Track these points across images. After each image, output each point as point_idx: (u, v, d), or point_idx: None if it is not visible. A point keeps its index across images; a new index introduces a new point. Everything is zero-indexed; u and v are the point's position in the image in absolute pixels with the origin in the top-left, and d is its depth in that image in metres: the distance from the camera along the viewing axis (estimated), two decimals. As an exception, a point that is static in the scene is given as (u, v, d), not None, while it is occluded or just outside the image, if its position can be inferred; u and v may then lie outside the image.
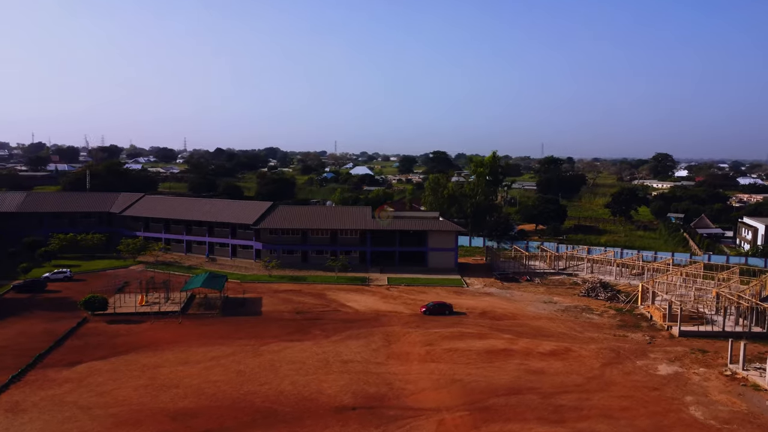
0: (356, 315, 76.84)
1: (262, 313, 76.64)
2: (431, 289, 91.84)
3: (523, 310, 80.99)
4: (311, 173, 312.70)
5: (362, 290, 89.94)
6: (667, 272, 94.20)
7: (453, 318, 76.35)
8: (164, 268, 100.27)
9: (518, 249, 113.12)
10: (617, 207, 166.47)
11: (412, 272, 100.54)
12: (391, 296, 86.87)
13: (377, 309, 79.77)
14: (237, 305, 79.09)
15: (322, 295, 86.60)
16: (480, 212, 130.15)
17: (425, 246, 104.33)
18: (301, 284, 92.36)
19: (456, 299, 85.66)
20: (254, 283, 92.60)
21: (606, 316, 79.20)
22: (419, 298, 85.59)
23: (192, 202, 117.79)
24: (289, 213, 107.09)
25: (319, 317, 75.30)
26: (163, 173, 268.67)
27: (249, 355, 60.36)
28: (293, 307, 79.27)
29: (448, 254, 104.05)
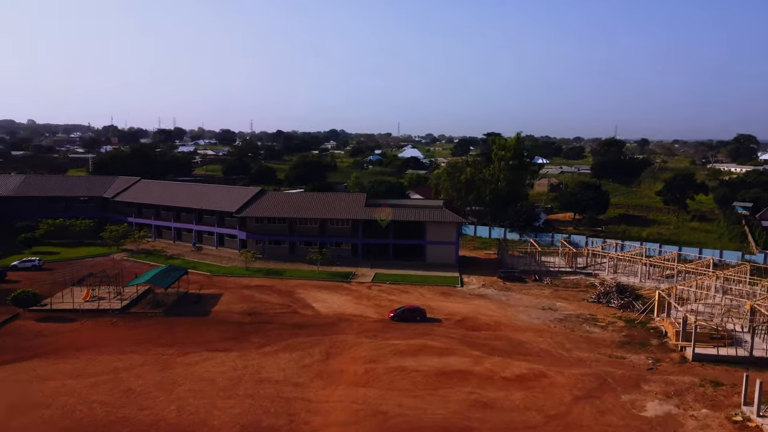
0: (313, 319, 67.78)
1: (210, 313, 68.96)
2: (418, 288, 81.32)
3: (512, 319, 69.29)
4: (358, 156, 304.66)
5: (339, 288, 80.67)
6: (703, 275, 79.33)
7: (423, 326, 65.86)
8: (144, 257, 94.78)
9: (533, 243, 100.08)
10: (670, 195, 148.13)
11: (407, 267, 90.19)
12: (367, 296, 77.13)
13: (342, 312, 70.38)
14: (190, 303, 71.85)
15: (291, 292, 78.05)
16: (500, 200, 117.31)
17: (423, 239, 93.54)
18: (275, 279, 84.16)
19: (440, 302, 74.98)
20: (226, 276, 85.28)
21: (610, 329, 66.30)
22: (398, 300, 75.45)
23: (185, 187, 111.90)
24: (276, 200, 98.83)
25: (270, 320, 66.79)
26: (200, 156, 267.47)
27: (156, 368, 52.58)
28: (249, 307, 71.14)
29: (448, 248, 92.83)
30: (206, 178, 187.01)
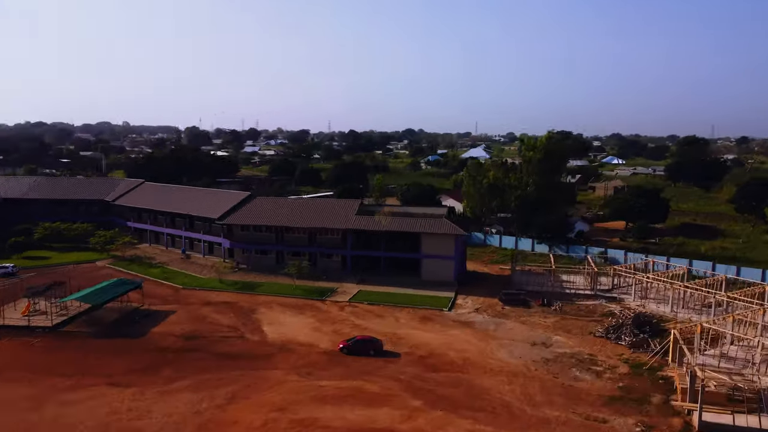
0: (254, 347, 59.03)
1: (146, 335, 61.76)
2: (397, 311, 70.65)
3: (488, 356, 57.38)
4: (418, 155, 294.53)
5: (308, 307, 71.53)
6: (750, 306, 63.52)
7: (374, 362, 55.46)
8: (126, 264, 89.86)
9: (551, 259, 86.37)
10: (744, 202, 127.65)
11: (398, 284, 79.60)
12: (333, 319, 67.46)
13: (292, 339, 61.19)
14: (132, 322, 65.07)
15: (251, 312, 69.75)
16: (528, 207, 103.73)
17: (418, 252, 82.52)
18: (245, 295, 76.21)
19: (413, 330, 64.17)
20: (195, 290, 78.29)
21: (606, 377, 53.05)
22: (366, 325, 65.34)
23: (182, 191, 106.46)
24: (263, 207, 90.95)
25: (203, 347, 58.67)
26: (259, 156, 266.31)
27: (24, 407, 45.57)
28: (192, 330, 63.40)
29: (445, 263, 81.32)
30: (245, 179, 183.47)
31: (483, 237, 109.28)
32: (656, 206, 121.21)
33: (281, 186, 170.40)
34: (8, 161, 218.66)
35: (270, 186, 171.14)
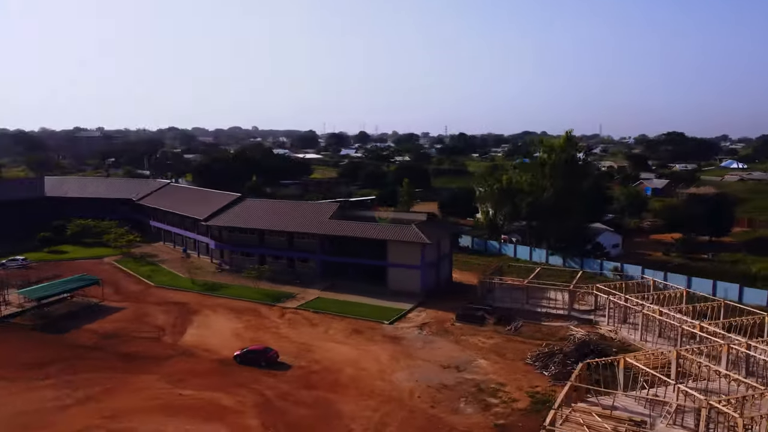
0: (158, 350, 58.77)
1: (75, 329, 63.64)
2: (336, 320, 67.07)
3: (383, 376, 52.41)
4: (511, 158, 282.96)
5: (249, 312, 70.09)
6: (712, 344, 52.29)
7: (257, 374, 52.85)
8: (126, 261, 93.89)
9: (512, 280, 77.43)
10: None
11: (362, 293, 75.72)
12: (262, 326, 65.48)
13: (203, 344, 60.14)
14: (76, 317, 67.49)
15: (193, 313, 69.76)
16: (542, 214, 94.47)
17: (385, 260, 77.91)
18: (203, 296, 76.43)
19: (331, 342, 60.56)
20: (165, 289, 79.80)
21: (492, 412, 46.11)
22: (293, 333, 62.78)
23: (190, 192, 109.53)
24: (250, 209, 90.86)
25: (111, 347, 59.30)
26: (345, 158, 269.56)
27: None
28: (120, 327, 64.50)
29: (411, 273, 75.99)
30: (305, 181, 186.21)
31: (498, 246, 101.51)
32: (717, 216, 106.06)
33: (330, 188, 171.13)
34: (118, 163, 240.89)
35: (327, 189, 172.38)
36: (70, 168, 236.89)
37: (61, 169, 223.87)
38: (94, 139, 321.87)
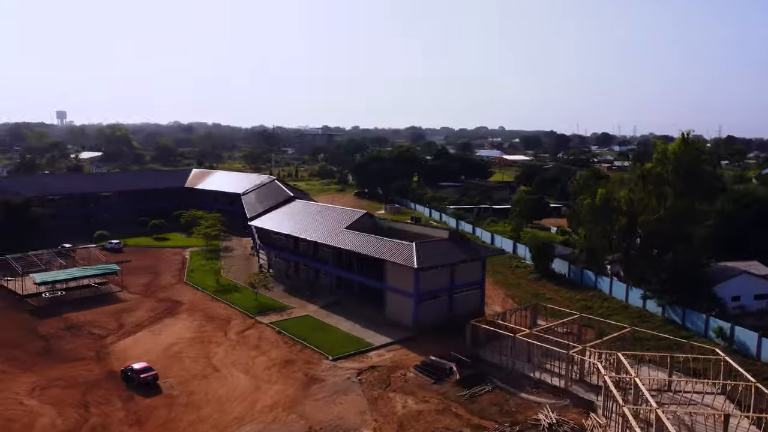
0: (78, 347, 57.41)
1: (53, 317, 65.81)
2: (291, 346, 58.21)
3: (223, 428, 42.74)
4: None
5: (217, 321, 65.18)
6: None
7: (116, 392, 47.72)
8: (197, 255, 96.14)
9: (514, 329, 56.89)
10: None
11: (358, 317, 65.15)
12: (209, 340, 59.82)
13: (123, 351, 57.07)
14: (77, 305, 69.90)
15: (169, 314, 67.53)
16: (644, 243, 70.55)
17: (384, 282, 65.49)
18: (208, 299, 73.58)
19: (248, 374, 52.41)
20: (189, 286, 79.17)
21: None
22: (219, 357, 56.10)
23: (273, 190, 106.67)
24: (293, 211, 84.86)
25: (51, 338, 59.65)
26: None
27: None
28: (91, 321, 64.83)
29: (406, 302, 62.50)
30: (466, 184, 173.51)
31: (594, 278, 79.59)
32: None
33: (490, 193, 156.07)
34: (326, 157, 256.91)
35: (487, 193, 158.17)
36: (284, 161, 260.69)
37: (271, 162, 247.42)
38: (317, 136, 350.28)
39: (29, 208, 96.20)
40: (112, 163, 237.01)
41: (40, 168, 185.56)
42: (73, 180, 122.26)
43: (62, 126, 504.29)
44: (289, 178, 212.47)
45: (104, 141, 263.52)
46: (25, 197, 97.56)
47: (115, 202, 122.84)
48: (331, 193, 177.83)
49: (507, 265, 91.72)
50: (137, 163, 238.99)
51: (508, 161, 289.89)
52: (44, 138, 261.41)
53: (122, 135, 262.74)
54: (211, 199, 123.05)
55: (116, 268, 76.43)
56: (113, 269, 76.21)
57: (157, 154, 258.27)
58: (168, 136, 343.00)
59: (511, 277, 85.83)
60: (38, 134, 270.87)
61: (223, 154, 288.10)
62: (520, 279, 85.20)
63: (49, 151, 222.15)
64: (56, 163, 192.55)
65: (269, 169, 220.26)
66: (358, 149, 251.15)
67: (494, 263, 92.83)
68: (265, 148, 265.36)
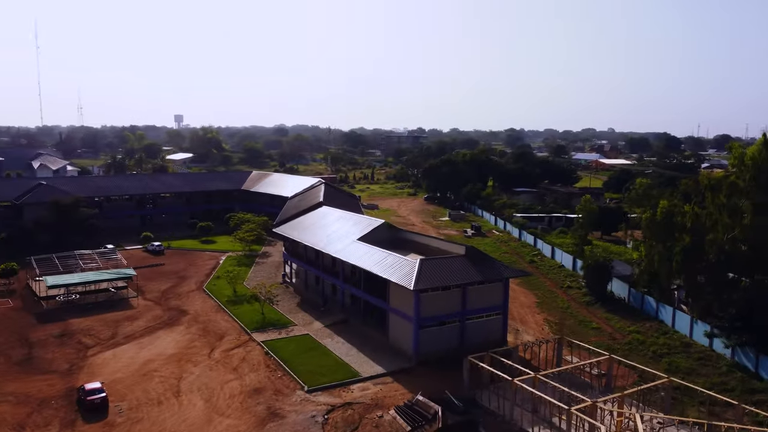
0: (58, 358, 54.63)
1: (54, 321, 64.23)
2: (271, 372, 52.32)
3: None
4: None
5: (210, 336, 60.50)
6: None
7: (60, 413, 43.85)
8: (232, 260, 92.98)
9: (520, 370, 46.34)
10: None
11: (359, 339, 58.48)
12: (189, 359, 55.21)
13: (100, 365, 53.69)
14: (86, 309, 68.34)
15: (167, 325, 63.86)
16: (708, 268, 57.78)
17: (387, 301, 57.76)
18: (215, 309, 69.57)
19: (209, 402, 47.08)
20: (204, 295, 75.74)
21: None
22: (190, 379, 51.32)
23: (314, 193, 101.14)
24: (318, 217, 78.73)
25: (39, 346, 57.55)
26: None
27: None
28: (87, 329, 62.53)
29: (406, 327, 54.55)
30: (544, 190, 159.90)
31: (655, 306, 67.24)
32: None
33: (569, 200, 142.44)
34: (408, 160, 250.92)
35: (565, 200, 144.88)
36: (366, 163, 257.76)
37: (353, 164, 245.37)
38: (402, 138, 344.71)
39: (78, 208, 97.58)
40: (200, 164, 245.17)
41: (129, 168, 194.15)
42: (132, 181, 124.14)
43: (174, 129, 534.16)
44: (364, 181, 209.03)
45: (197, 143, 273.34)
46: (74, 197, 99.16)
47: (172, 204, 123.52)
48: (402, 197, 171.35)
49: (560, 285, 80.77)
50: (224, 164, 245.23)
51: (605, 165, 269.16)
52: (143, 140, 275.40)
53: (213, 137, 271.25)
54: (266, 202, 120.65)
55: (132, 273, 74.39)
56: (129, 274, 74.20)
57: (246, 155, 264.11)
58: (261, 139, 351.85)
59: (560, 300, 75.04)
60: (139, 136, 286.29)
61: (308, 155, 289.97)
62: (570, 302, 74.22)
63: (148, 152, 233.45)
64: (143, 164, 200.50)
65: (346, 171, 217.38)
66: (441, 152, 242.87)
67: (544, 282, 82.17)
68: (347, 150, 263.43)
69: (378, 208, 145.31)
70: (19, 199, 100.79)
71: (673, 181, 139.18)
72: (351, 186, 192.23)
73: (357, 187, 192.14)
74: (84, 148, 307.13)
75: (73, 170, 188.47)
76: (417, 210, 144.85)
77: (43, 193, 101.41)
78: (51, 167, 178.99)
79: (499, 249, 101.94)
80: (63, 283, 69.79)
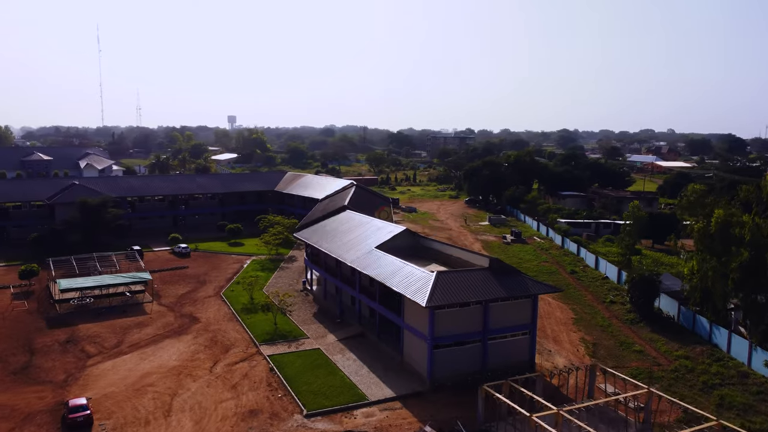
0: (55, 368, 52.17)
1: (63, 327, 62.31)
2: (272, 392, 48.33)
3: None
4: None
5: (216, 347, 57.07)
6: None
7: (38, 429, 41.12)
8: (255, 264, 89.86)
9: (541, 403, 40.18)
10: None
11: (373, 356, 54.05)
12: (189, 374, 51.85)
13: (96, 377, 50.92)
14: (100, 314, 66.28)
15: (175, 333, 60.81)
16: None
17: (402, 317, 52.88)
18: (227, 317, 66.35)
19: (197, 424, 43.49)
20: (221, 301, 72.74)
21: None
22: (183, 398, 47.92)
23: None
24: (338, 222, 74.44)
25: (39, 353, 55.43)
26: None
27: None
28: (94, 335, 60.25)
29: (421, 346, 49.60)
30: (593, 194, 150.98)
31: (708, 327, 60.02)
32: None
33: (618, 206, 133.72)
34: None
35: (616, 205, 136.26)
36: (410, 164, 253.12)
37: (397, 165, 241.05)
38: (448, 139, 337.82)
39: (106, 208, 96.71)
40: (244, 165, 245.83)
41: (173, 168, 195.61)
42: (164, 182, 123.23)
43: (222, 129, 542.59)
44: (406, 182, 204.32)
45: (242, 143, 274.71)
46: (103, 197, 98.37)
47: (205, 204, 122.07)
48: (443, 199, 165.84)
49: (602, 299, 74.03)
50: (267, 164, 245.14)
51: (661, 168, 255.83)
52: (191, 140, 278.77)
53: (257, 137, 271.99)
54: (299, 204, 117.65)
55: (148, 278, 72.05)
56: (145, 278, 71.88)
57: (288, 156, 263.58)
58: (307, 139, 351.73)
59: (600, 316, 68.43)
60: (187, 137, 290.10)
61: (352, 156, 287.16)
62: (611, 319, 67.55)
63: (193, 152, 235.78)
64: (187, 164, 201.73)
65: (388, 173, 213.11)
66: (487, 153, 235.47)
67: (584, 295, 75.59)
68: (392, 150, 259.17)
69: (416, 211, 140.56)
70: (51, 199, 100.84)
71: (735, 186, 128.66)
72: (392, 188, 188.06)
73: (398, 188, 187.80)
74: (136, 148, 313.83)
75: (119, 170, 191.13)
76: (456, 214, 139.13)
77: (74, 193, 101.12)
78: (97, 167, 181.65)
79: (539, 257, 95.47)
80: (76, 287, 67.95)
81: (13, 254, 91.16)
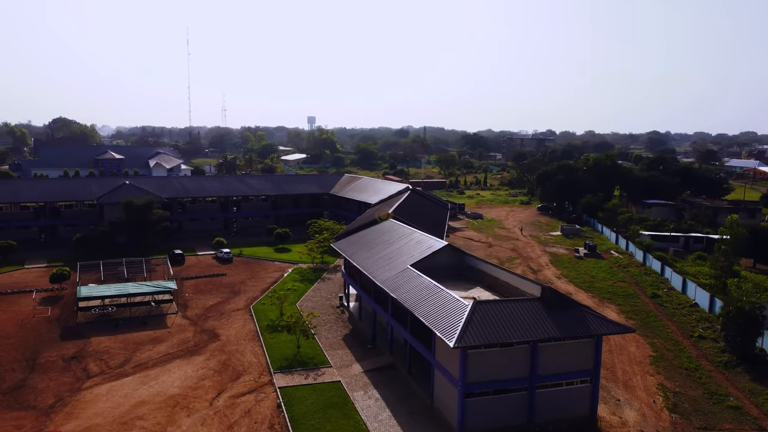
0: (49, 388, 47.22)
1: (75, 339, 57.82)
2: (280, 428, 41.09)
3: None
4: None
5: (226, 373, 50.40)
6: None
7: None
8: (297, 273, 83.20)
9: None
10: None
11: (399, 397, 45.67)
12: (187, 406, 45.45)
13: (81, 403, 45.38)
14: (119, 326, 61.63)
15: (189, 353, 54.86)
16: None
17: (433, 352, 43.95)
18: (247, 336, 59.85)
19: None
20: (247, 315, 66.58)
21: None
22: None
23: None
24: (378, 232, 66.02)
25: (40, 370, 50.85)
26: None
27: None
28: (103, 351, 55.31)
29: (451, 391, 40.63)
30: (682, 203, 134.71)
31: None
32: None
33: (697, 216, 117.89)
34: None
35: (711, 216, 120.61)
36: (483, 166, 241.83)
37: (468, 167, 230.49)
38: (526, 141, 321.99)
39: (151, 209, 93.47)
40: (313, 165, 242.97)
41: (240, 168, 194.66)
42: (216, 182, 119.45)
43: (294, 129, 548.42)
44: (475, 186, 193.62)
45: (312, 144, 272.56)
46: (148, 198, 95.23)
47: (258, 207, 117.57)
48: (513, 205, 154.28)
49: (688, 333, 62.05)
50: (336, 165, 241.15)
51: (765, 174, 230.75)
52: (263, 140, 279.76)
53: (327, 138, 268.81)
54: (354, 209, 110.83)
55: (172, 287, 66.86)
56: (169, 288, 66.72)
57: (358, 157, 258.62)
58: (380, 140, 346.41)
59: (686, 355, 56.77)
60: (259, 137, 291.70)
61: (423, 158, 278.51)
62: (700, 360, 55.76)
63: (261, 153, 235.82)
64: (254, 164, 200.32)
65: (458, 176, 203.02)
66: (567, 156, 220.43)
67: (667, 326, 63.78)
68: (466, 152, 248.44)
69: (482, 218, 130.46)
70: (100, 199, 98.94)
71: None
72: (460, 191, 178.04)
73: (467, 192, 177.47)
74: (211, 148, 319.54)
75: (187, 169, 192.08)
76: (526, 222, 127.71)
77: (123, 193, 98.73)
78: (165, 166, 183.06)
79: (615, 275, 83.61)
80: (96, 295, 63.69)
81: (57, 255, 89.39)
